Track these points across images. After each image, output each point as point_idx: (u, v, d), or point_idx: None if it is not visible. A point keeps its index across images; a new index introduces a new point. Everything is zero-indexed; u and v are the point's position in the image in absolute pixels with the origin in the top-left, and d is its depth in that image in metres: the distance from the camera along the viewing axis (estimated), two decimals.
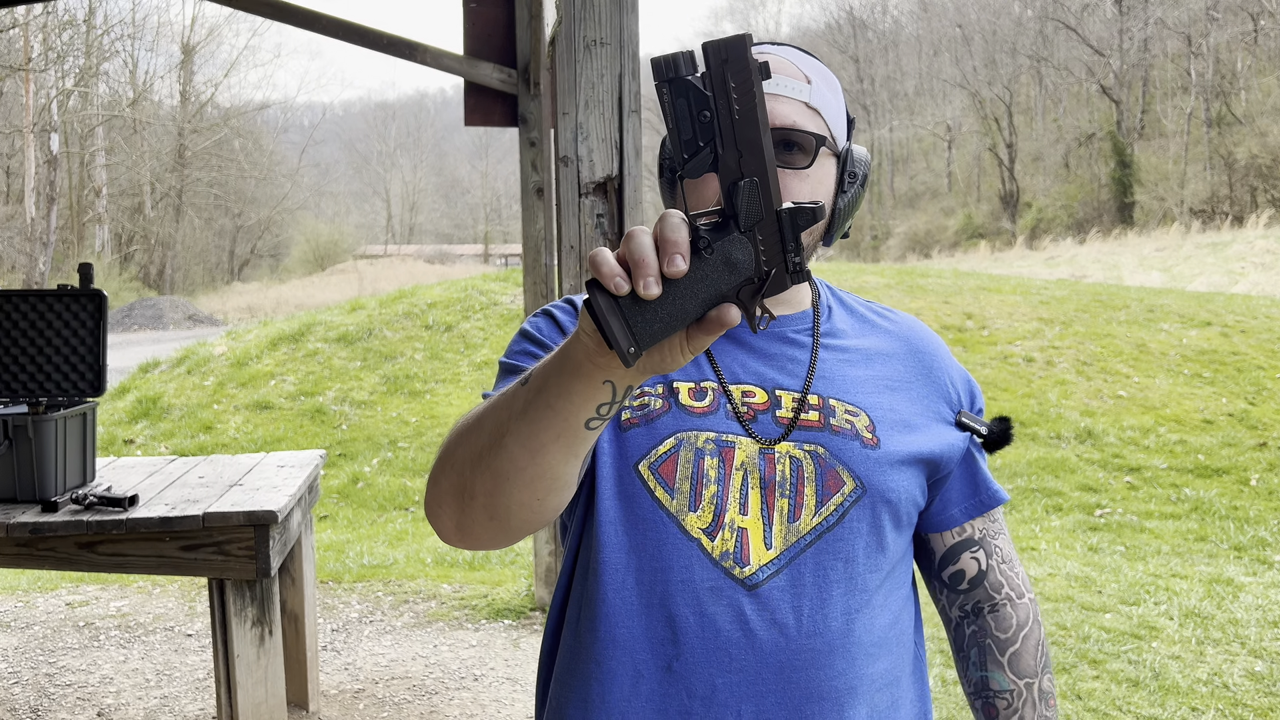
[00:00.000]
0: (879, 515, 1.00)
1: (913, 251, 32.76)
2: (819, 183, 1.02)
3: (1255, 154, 30.19)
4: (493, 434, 0.83)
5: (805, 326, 1.07)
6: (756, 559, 0.96)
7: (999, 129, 38.12)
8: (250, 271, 36.82)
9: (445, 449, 0.89)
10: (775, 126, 0.98)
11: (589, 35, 2.29)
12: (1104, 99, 36.36)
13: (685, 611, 0.95)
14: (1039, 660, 1.11)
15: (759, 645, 0.95)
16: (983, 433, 1.08)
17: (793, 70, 1.02)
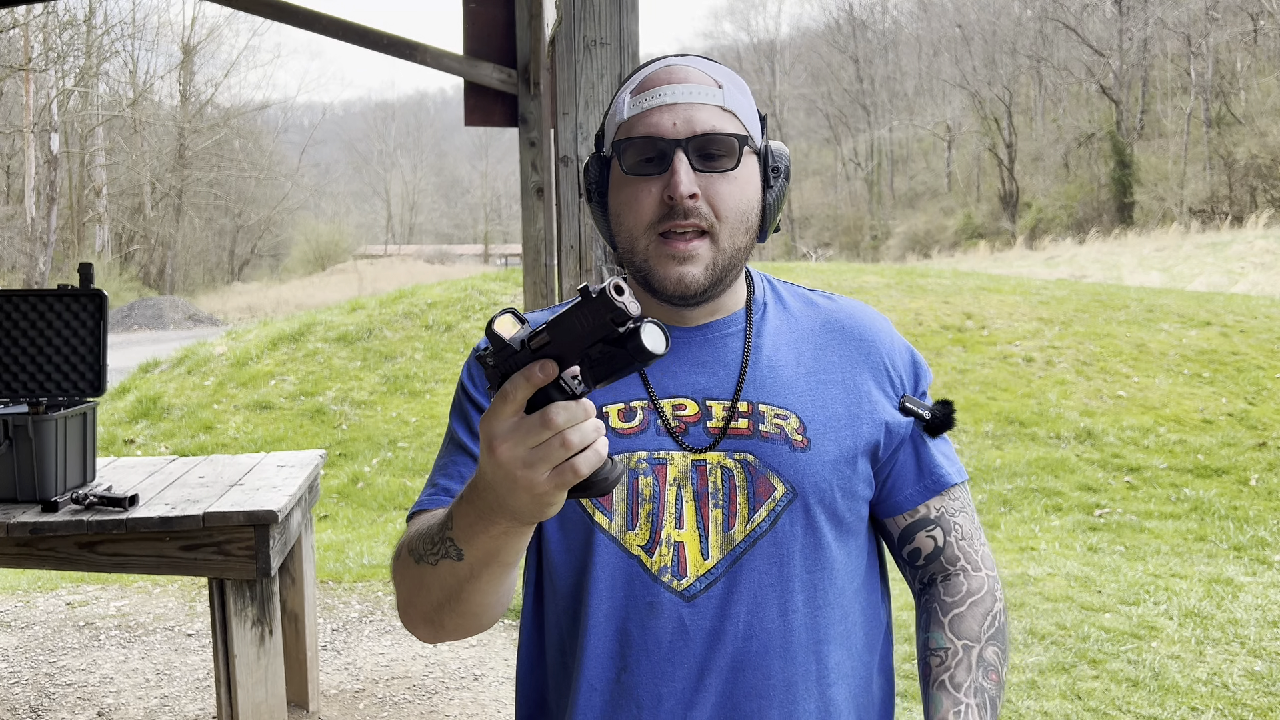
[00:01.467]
0: (813, 516, 1.02)
1: (912, 251, 32.77)
2: (746, 182, 1.03)
3: (1255, 154, 30.19)
4: (445, 593, 0.92)
5: (738, 328, 1.08)
6: (694, 570, 1.00)
7: (999, 129, 38.13)
8: (250, 271, 36.82)
9: (401, 594, 0.98)
10: (697, 133, 0.99)
11: (589, 35, 2.29)
12: (1104, 99, 36.36)
13: (630, 627, 1.00)
14: (985, 629, 1.09)
15: (700, 653, 0.99)
16: (925, 417, 1.09)
17: (703, 78, 1.03)
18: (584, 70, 2.29)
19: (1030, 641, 3.96)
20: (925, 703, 1.07)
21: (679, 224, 0.99)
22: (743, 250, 1.04)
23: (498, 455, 0.76)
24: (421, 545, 0.93)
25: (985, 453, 7.08)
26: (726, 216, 1.01)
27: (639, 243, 1.02)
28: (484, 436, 0.77)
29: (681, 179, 0.98)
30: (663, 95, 1.01)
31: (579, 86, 2.30)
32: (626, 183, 1.02)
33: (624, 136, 1.02)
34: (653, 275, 1.02)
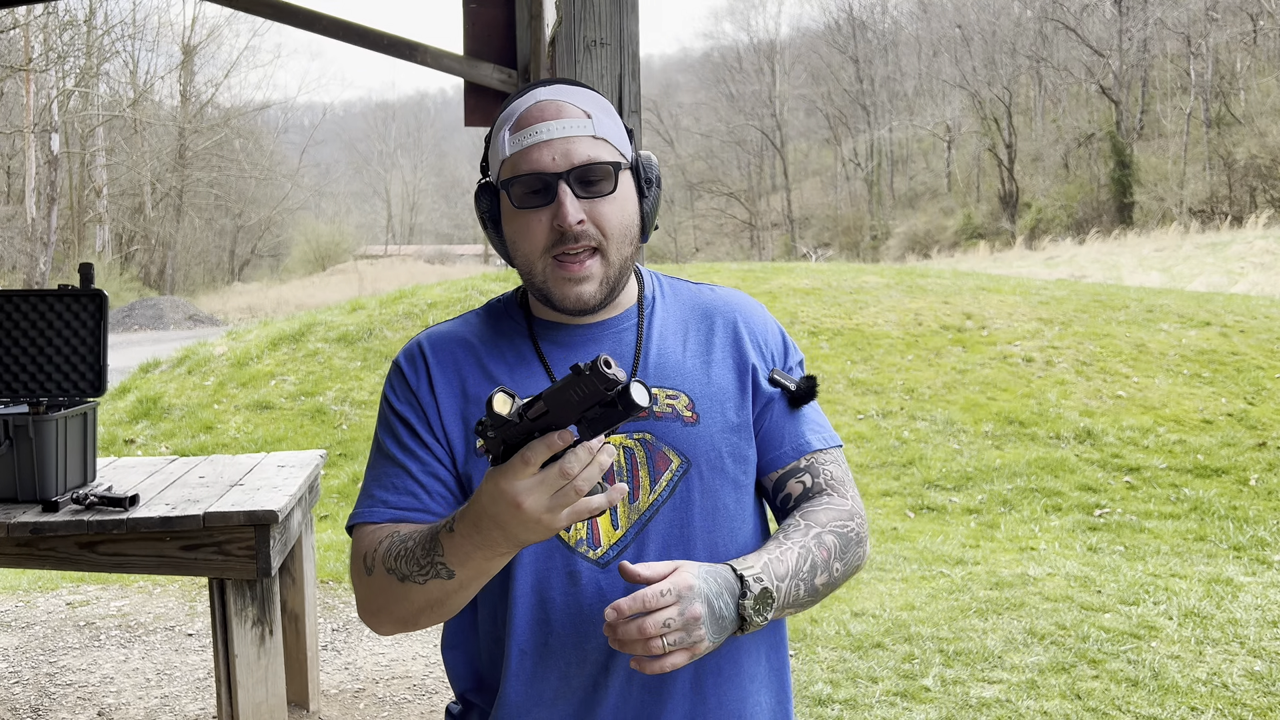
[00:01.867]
0: (706, 480, 1.16)
1: (912, 252, 32.76)
2: (626, 200, 1.15)
3: (1254, 154, 30.18)
4: (429, 602, 1.05)
5: (632, 323, 1.22)
6: (606, 540, 1.13)
7: (998, 129, 38.12)
8: (251, 272, 36.81)
9: (373, 601, 1.10)
10: (575, 165, 1.11)
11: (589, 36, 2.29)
12: (1103, 99, 36.36)
13: (553, 595, 1.13)
14: (833, 522, 1.16)
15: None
16: (791, 389, 1.22)
17: (574, 111, 1.13)
18: (584, 71, 2.30)
19: (1030, 641, 3.96)
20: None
21: (570, 248, 1.12)
22: (630, 259, 1.17)
23: (524, 508, 0.91)
24: (405, 566, 1.05)
25: (985, 453, 7.08)
26: (612, 234, 1.13)
27: (535, 266, 1.14)
28: (507, 493, 0.91)
29: (568, 209, 1.10)
30: (540, 133, 1.12)
31: None
32: (518, 215, 1.14)
33: (510, 174, 1.13)
34: (552, 295, 1.14)
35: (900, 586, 4.70)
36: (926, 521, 6.09)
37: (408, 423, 1.18)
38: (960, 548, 5.40)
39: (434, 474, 1.16)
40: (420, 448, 1.17)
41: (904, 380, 8.31)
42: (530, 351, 1.19)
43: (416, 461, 1.16)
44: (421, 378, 1.19)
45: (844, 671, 3.72)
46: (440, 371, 1.19)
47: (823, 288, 10.70)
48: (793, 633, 4.11)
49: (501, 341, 1.21)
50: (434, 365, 1.19)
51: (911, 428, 7.53)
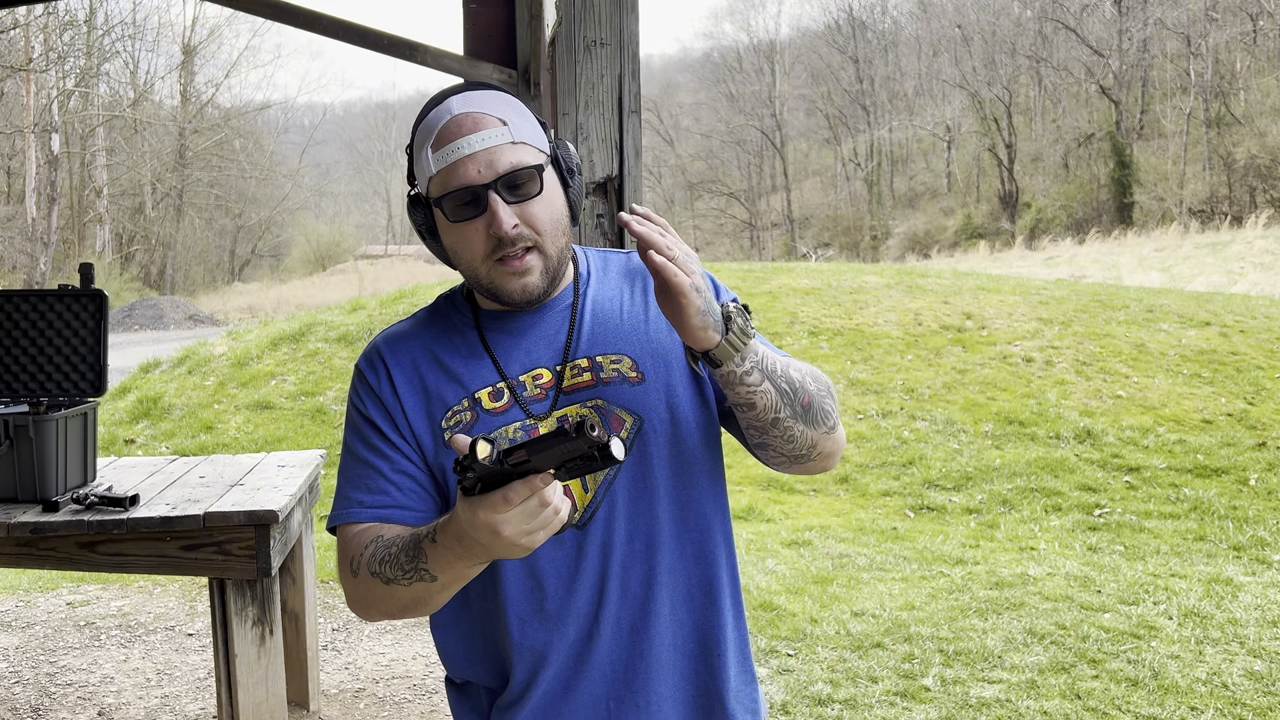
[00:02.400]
0: (661, 434, 1.24)
1: (912, 251, 32.75)
2: (553, 195, 1.22)
3: (1254, 154, 30.18)
4: (414, 599, 1.14)
5: (568, 303, 1.29)
6: (581, 504, 1.22)
7: (998, 129, 38.12)
8: (251, 272, 36.80)
9: (361, 598, 1.19)
10: (500, 174, 1.17)
11: (589, 36, 2.29)
12: (1103, 99, 36.35)
13: (541, 564, 1.22)
14: (805, 367, 1.24)
15: (597, 564, 1.22)
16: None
17: (490, 120, 1.19)
18: (584, 71, 2.30)
19: (1030, 641, 3.96)
20: None
21: (509, 251, 1.19)
22: (565, 248, 1.24)
23: (504, 535, 0.98)
24: (389, 571, 1.13)
25: (985, 453, 7.08)
26: (545, 230, 1.20)
27: (479, 270, 1.21)
28: (484, 524, 0.98)
29: (502, 218, 1.17)
30: (461, 148, 1.17)
31: (579, 87, 2.31)
32: (454, 228, 1.20)
33: (440, 191, 1.19)
34: (500, 291, 1.21)
35: (900, 586, 4.70)
36: (926, 521, 6.09)
37: (375, 424, 1.24)
38: (960, 548, 5.40)
39: (404, 471, 1.23)
40: (389, 447, 1.23)
41: (904, 380, 8.31)
42: (479, 343, 1.27)
43: (386, 461, 1.23)
44: (383, 380, 1.26)
45: (844, 671, 3.72)
46: (400, 372, 1.26)
47: (823, 288, 10.71)
48: (792, 632, 4.12)
49: (454, 335, 1.28)
50: (393, 367, 1.26)
51: (911, 428, 7.53)
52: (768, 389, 1.16)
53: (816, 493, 6.74)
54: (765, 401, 1.16)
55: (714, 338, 1.12)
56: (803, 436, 1.20)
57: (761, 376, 1.15)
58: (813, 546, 5.42)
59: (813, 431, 1.21)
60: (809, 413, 1.19)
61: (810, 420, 1.20)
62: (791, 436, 1.20)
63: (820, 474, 1.31)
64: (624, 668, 1.24)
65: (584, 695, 1.24)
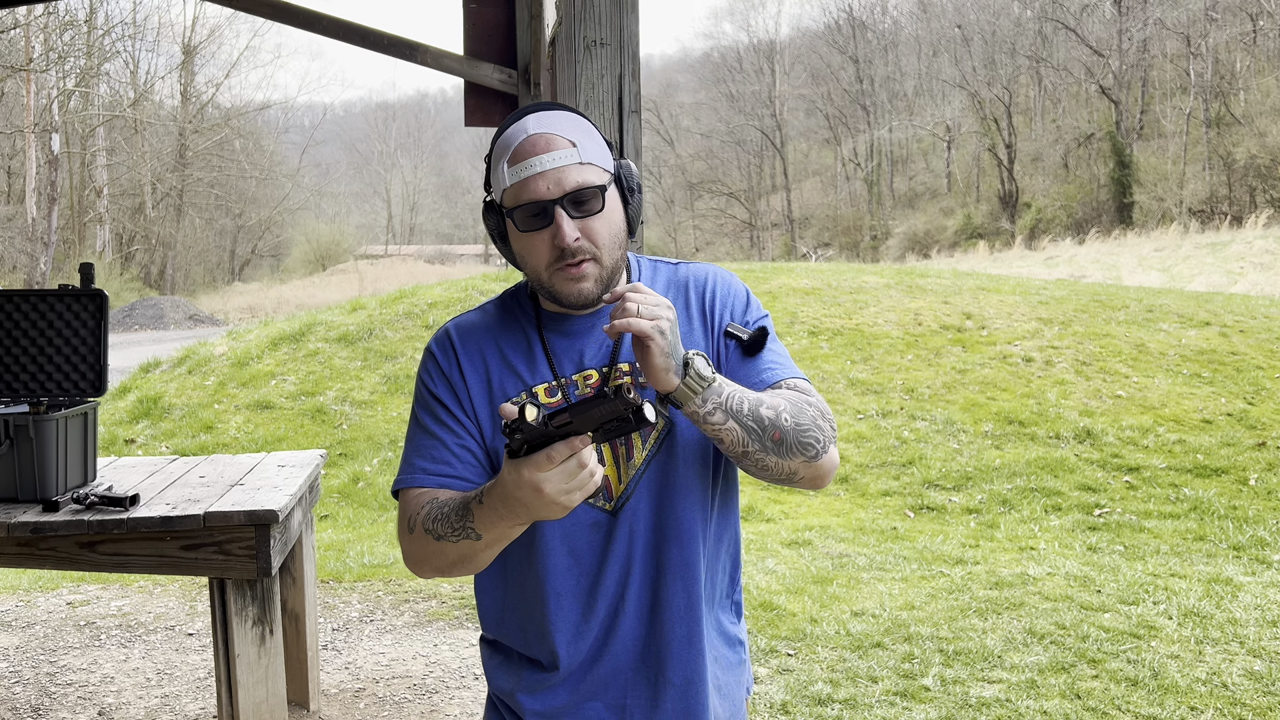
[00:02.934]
0: (686, 437, 1.38)
1: (912, 251, 32.76)
2: (613, 212, 1.35)
3: (1254, 154, 30.18)
4: (461, 556, 1.29)
5: None
6: (615, 493, 1.38)
7: (998, 129, 38.11)
8: (251, 271, 36.81)
9: (415, 554, 1.33)
10: (568, 191, 1.31)
11: (589, 35, 2.30)
12: (1103, 99, 36.35)
13: (579, 544, 1.38)
14: (788, 396, 1.34)
15: (625, 548, 1.38)
16: (743, 339, 1.40)
17: (561, 142, 1.33)
18: (584, 70, 2.30)
19: (1030, 641, 3.96)
20: None
21: (569, 261, 1.32)
22: (621, 259, 1.38)
23: (545, 492, 1.12)
24: (440, 528, 1.28)
25: (985, 453, 7.08)
26: (603, 244, 1.34)
27: (542, 275, 1.36)
28: (528, 482, 1.12)
29: (565, 231, 1.30)
30: (533, 166, 1.32)
31: (579, 87, 2.31)
32: (522, 237, 1.35)
33: (513, 203, 1.34)
34: (558, 294, 1.35)
35: (900, 586, 4.70)
36: (926, 521, 6.10)
37: (442, 402, 1.40)
38: (960, 547, 5.41)
39: (465, 446, 1.38)
40: (454, 422, 1.39)
41: (904, 380, 8.32)
42: (539, 342, 1.41)
43: (451, 434, 1.38)
44: (453, 364, 1.41)
45: (844, 671, 3.72)
46: (468, 359, 1.41)
47: (823, 288, 10.71)
48: (792, 632, 4.12)
49: (517, 332, 1.43)
50: (463, 354, 1.42)
51: (911, 428, 7.54)
52: (733, 427, 1.27)
53: (816, 493, 6.75)
54: (732, 438, 1.28)
55: (673, 380, 1.24)
56: (777, 466, 1.31)
57: (725, 416, 1.26)
58: (813, 546, 5.42)
59: (788, 461, 1.31)
60: (781, 446, 1.29)
61: (784, 453, 1.30)
62: (765, 466, 1.31)
63: (811, 490, 1.46)
64: (643, 644, 1.40)
65: (608, 667, 1.39)
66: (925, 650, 3.88)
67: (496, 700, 1.49)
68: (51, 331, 2.90)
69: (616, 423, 1.10)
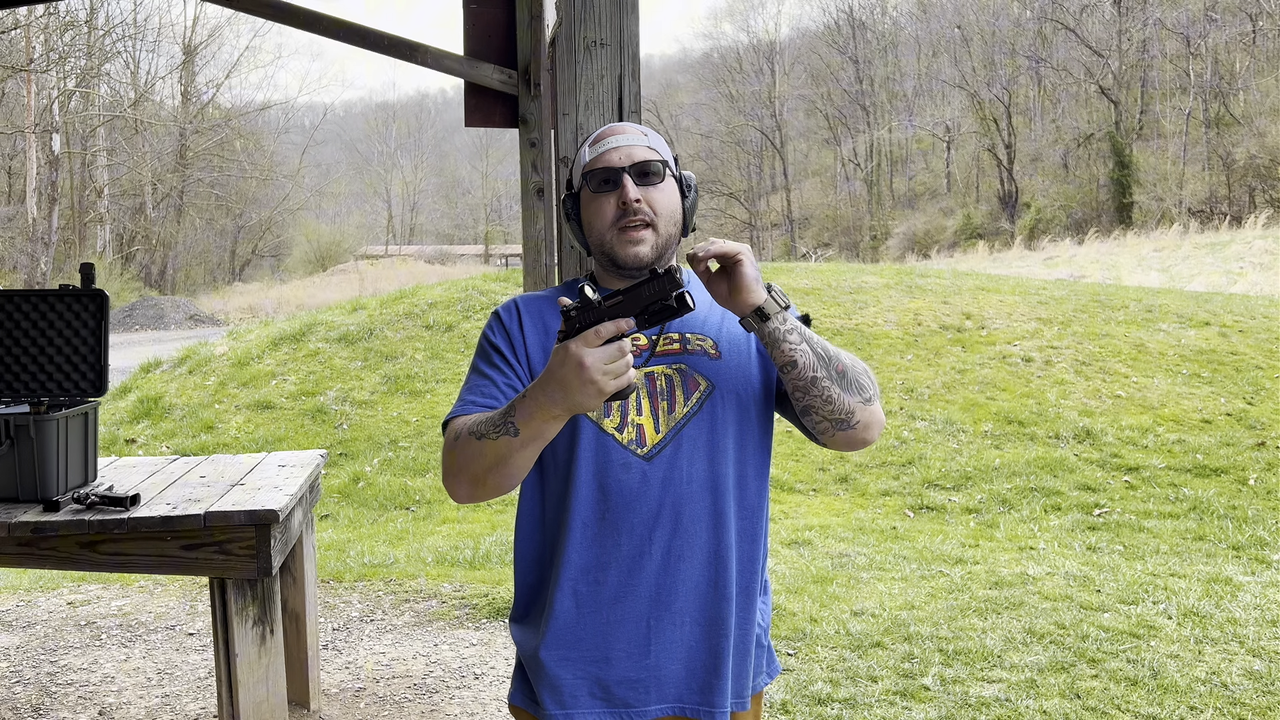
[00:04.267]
0: (727, 401, 1.53)
1: (912, 251, 32.76)
2: (671, 191, 1.58)
3: (1254, 154, 30.18)
4: (497, 458, 1.39)
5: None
6: (650, 440, 1.51)
7: (998, 129, 38.11)
8: (251, 272, 36.80)
9: (455, 463, 1.44)
10: (635, 161, 1.55)
11: (589, 36, 2.30)
12: (1103, 99, 36.35)
13: (608, 481, 1.50)
14: (845, 354, 1.48)
15: (657, 494, 1.49)
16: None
17: (635, 132, 1.60)
18: (584, 71, 2.30)
19: (1030, 641, 3.97)
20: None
21: (631, 220, 1.53)
22: (674, 237, 1.58)
23: (586, 365, 1.25)
24: (483, 426, 1.40)
25: (985, 452, 7.09)
26: (661, 212, 1.56)
27: (605, 236, 1.56)
28: (573, 354, 1.26)
29: (630, 190, 1.53)
30: (609, 142, 1.58)
31: (579, 87, 2.31)
32: (593, 199, 1.57)
33: (589, 169, 1.58)
34: (616, 255, 1.55)
35: (900, 586, 4.71)
36: (926, 521, 6.10)
37: (499, 349, 1.56)
38: (960, 547, 5.41)
39: (513, 386, 1.52)
40: (506, 367, 1.54)
41: (904, 380, 8.32)
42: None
43: (503, 376, 1.53)
44: (514, 320, 1.59)
45: (844, 671, 3.72)
46: (529, 318, 1.59)
47: (823, 288, 10.71)
48: (792, 632, 4.12)
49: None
50: (525, 315, 1.59)
51: (911, 427, 7.54)
52: (806, 350, 1.42)
53: (816, 492, 6.75)
54: (805, 360, 1.42)
55: (762, 293, 1.43)
56: (840, 400, 1.44)
57: (800, 338, 1.43)
58: (813, 546, 5.43)
59: (850, 398, 1.45)
60: (844, 379, 1.44)
61: (845, 386, 1.44)
62: (830, 398, 1.44)
63: (862, 448, 1.56)
64: (667, 590, 1.50)
65: (630, 607, 1.50)
66: (925, 650, 3.88)
67: (525, 668, 1.57)
68: (52, 331, 2.90)
69: (661, 305, 1.24)
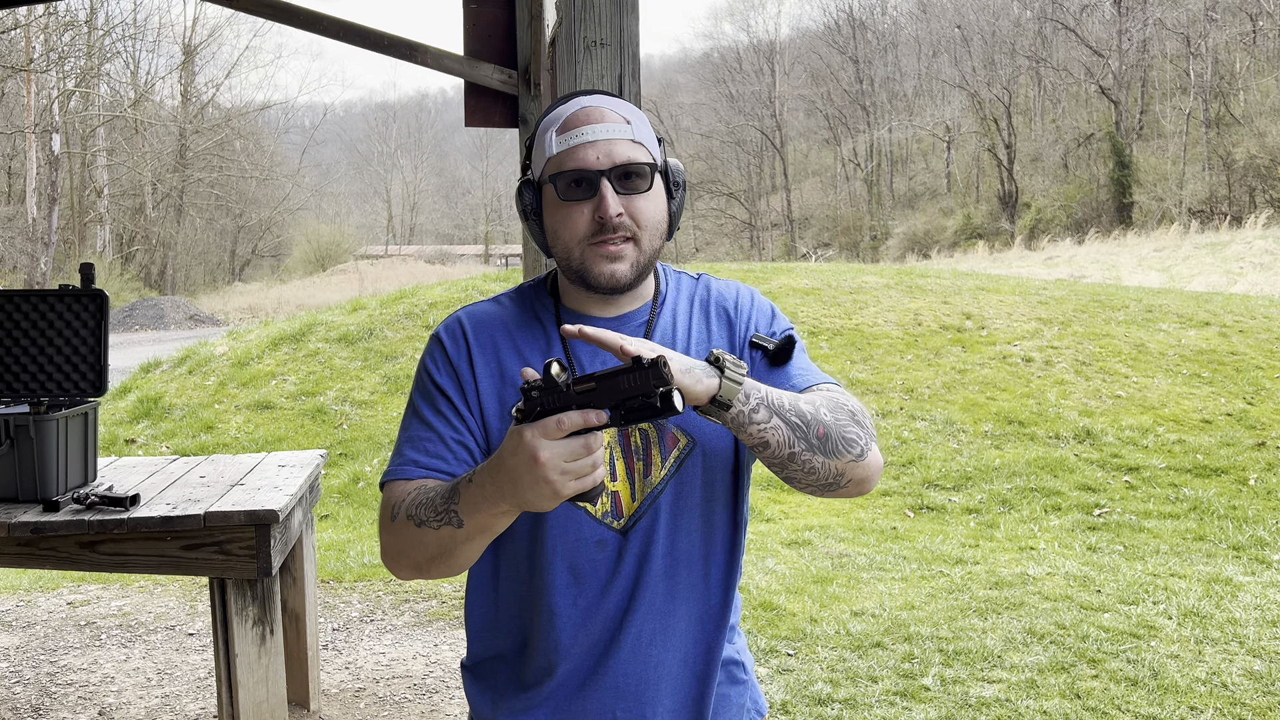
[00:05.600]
0: (709, 458, 1.30)
1: (912, 252, 32.76)
2: (657, 197, 1.29)
3: (1254, 154, 30.18)
4: (440, 550, 1.17)
5: (644, 320, 1.35)
6: (627, 510, 1.28)
7: (998, 129, 38.11)
8: (251, 272, 36.81)
9: (394, 547, 1.22)
10: (617, 164, 1.24)
11: (589, 36, 2.30)
12: (1103, 99, 36.35)
13: (581, 562, 1.28)
14: (820, 396, 1.25)
15: (633, 571, 1.28)
16: (769, 348, 1.31)
17: (615, 117, 1.28)
18: (584, 71, 2.30)
19: (1030, 641, 3.97)
20: None
21: (609, 237, 1.25)
22: (657, 250, 1.30)
23: (541, 461, 1.01)
24: (423, 512, 1.17)
25: (985, 453, 7.08)
26: (646, 225, 1.27)
27: (574, 252, 1.27)
28: (527, 444, 1.02)
29: (609, 203, 1.23)
30: (584, 134, 1.25)
31: (579, 87, 2.31)
32: (561, 207, 1.27)
33: (556, 170, 1.27)
34: (589, 274, 1.27)
35: (900, 586, 4.71)
36: (926, 521, 6.10)
37: (445, 393, 1.29)
38: (960, 547, 5.41)
39: (463, 443, 1.27)
40: (455, 416, 1.28)
41: (904, 380, 8.32)
42: (558, 340, 1.32)
43: (450, 429, 1.27)
44: (463, 353, 1.30)
45: (844, 671, 3.72)
46: (480, 351, 1.31)
47: (823, 288, 10.71)
48: (792, 632, 4.12)
49: (535, 327, 1.33)
50: (474, 344, 1.31)
51: (911, 428, 7.54)
52: (778, 425, 1.16)
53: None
54: (778, 438, 1.16)
55: (712, 383, 1.11)
56: (823, 468, 1.20)
57: (769, 413, 1.16)
58: (812, 546, 5.42)
59: (835, 461, 1.20)
60: (826, 444, 1.19)
61: (829, 451, 1.20)
62: (812, 469, 1.20)
63: (856, 497, 1.31)
64: (636, 679, 1.29)
65: (595, 700, 1.29)
66: (925, 650, 3.88)
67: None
68: (52, 332, 2.90)
69: (642, 402, 0.99)
